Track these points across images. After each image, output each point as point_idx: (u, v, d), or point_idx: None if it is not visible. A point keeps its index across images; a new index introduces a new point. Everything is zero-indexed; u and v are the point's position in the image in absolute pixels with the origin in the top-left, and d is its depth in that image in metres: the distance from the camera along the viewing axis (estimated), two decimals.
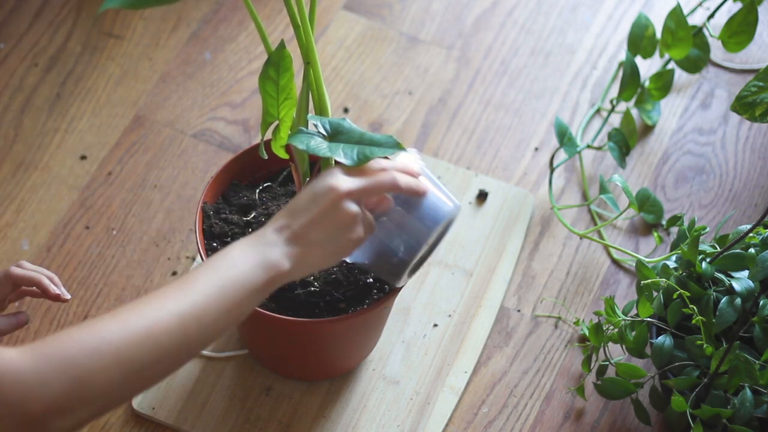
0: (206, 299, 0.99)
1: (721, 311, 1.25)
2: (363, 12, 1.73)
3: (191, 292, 0.99)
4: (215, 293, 1.00)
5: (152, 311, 0.97)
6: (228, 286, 1.01)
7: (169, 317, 0.97)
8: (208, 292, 1.00)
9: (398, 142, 1.10)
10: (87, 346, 0.93)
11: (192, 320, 0.98)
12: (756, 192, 1.58)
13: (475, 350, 1.42)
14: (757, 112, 1.24)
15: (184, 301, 0.98)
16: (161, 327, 0.96)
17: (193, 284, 1.00)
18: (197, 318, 0.98)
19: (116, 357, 0.94)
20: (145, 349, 0.95)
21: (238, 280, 1.02)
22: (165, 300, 0.98)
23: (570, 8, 1.75)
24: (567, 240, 1.52)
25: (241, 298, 1.02)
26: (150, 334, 0.96)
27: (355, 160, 1.11)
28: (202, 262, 1.03)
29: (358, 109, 1.63)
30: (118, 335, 0.94)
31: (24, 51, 1.66)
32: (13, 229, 1.50)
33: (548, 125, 1.63)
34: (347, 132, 1.14)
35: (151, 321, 0.96)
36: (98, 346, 0.93)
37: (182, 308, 0.98)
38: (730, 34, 1.55)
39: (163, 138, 1.59)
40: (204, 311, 0.99)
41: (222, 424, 1.35)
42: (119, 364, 0.94)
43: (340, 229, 1.09)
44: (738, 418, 1.23)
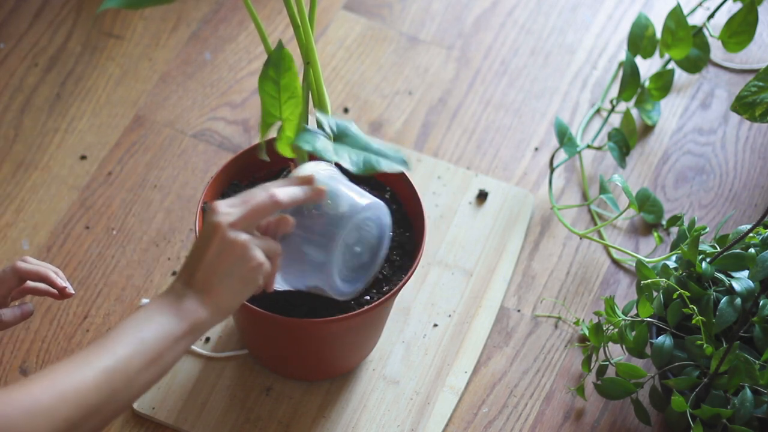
0: (130, 353, 1.02)
1: (721, 311, 1.25)
2: (363, 12, 1.73)
3: (116, 348, 1.02)
4: (138, 347, 1.03)
5: (78, 369, 1.00)
6: (149, 339, 1.03)
7: (95, 374, 1.00)
8: (131, 346, 1.02)
9: (405, 159, 1.10)
10: (20, 407, 0.96)
11: (117, 375, 1.01)
12: (756, 192, 1.58)
13: (475, 350, 1.42)
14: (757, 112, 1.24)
15: (108, 357, 1.01)
16: (88, 384, 0.99)
17: (116, 340, 1.02)
18: (123, 372, 1.01)
19: (48, 416, 0.97)
20: (74, 406, 0.98)
21: (158, 333, 1.04)
22: (90, 357, 1.01)
23: (570, 8, 1.75)
24: (567, 240, 1.52)
25: (162, 349, 1.04)
26: (78, 391, 0.98)
27: (361, 168, 1.10)
28: (121, 322, 1.05)
29: (358, 109, 1.63)
30: (48, 395, 0.97)
31: (24, 51, 1.66)
32: (13, 229, 1.50)
33: (548, 125, 1.63)
34: (353, 136, 1.14)
35: (78, 379, 0.99)
36: (30, 407, 0.96)
37: (108, 364, 1.01)
38: (730, 34, 1.55)
39: (163, 138, 1.59)
40: (129, 365, 1.02)
41: (222, 424, 1.35)
42: (51, 422, 0.97)
43: (235, 263, 1.08)
44: (738, 418, 1.23)
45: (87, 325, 1.42)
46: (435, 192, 1.54)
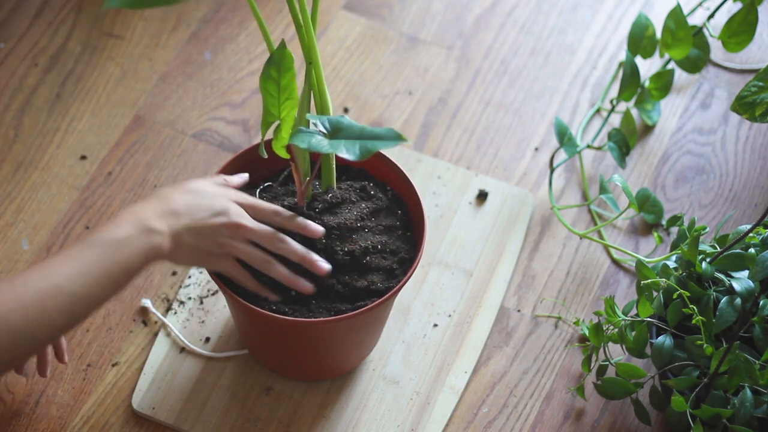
0: (92, 280, 1.08)
1: (721, 311, 1.25)
2: (363, 12, 1.73)
3: (79, 267, 1.08)
4: (102, 275, 1.09)
5: (37, 282, 1.05)
6: (114, 270, 1.09)
7: (56, 294, 1.06)
8: (95, 273, 1.08)
9: (398, 133, 1.11)
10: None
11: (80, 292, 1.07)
12: (756, 192, 1.58)
13: (475, 350, 1.42)
14: (757, 112, 1.24)
15: (69, 276, 1.07)
16: (50, 304, 1.05)
17: (81, 261, 1.08)
18: (84, 290, 1.08)
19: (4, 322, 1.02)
20: (32, 317, 1.04)
21: (124, 265, 1.10)
22: (53, 271, 1.06)
23: (570, 8, 1.75)
24: (567, 240, 1.52)
25: (123, 278, 1.11)
26: (41, 310, 1.04)
27: (358, 154, 1.11)
28: (91, 236, 1.11)
29: (358, 109, 1.63)
30: (9, 305, 1.03)
31: (24, 51, 1.66)
32: (13, 229, 1.50)
33: (548, 125, 1.63)
34: (347, 128, 1.14)
35: (45, 296, 1.04)
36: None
37: (68, 286, 1.06)
38: (730, 34, 1.55)
39: (163, 138, 1.59)
40: (87, 289, 1.08)
41: (222, 424, 1.35)
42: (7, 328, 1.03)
43: (212, 252, 1.20)
44: (738, 418, 1.23)
45: (87, 325, 1.42)
46: (435, 192, 1.54)
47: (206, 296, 1.44)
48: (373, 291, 1.27)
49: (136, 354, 1.40)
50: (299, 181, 1.26)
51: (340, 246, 1.26)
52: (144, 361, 1.40)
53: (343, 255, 1.26)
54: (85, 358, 1.40)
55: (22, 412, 1.36)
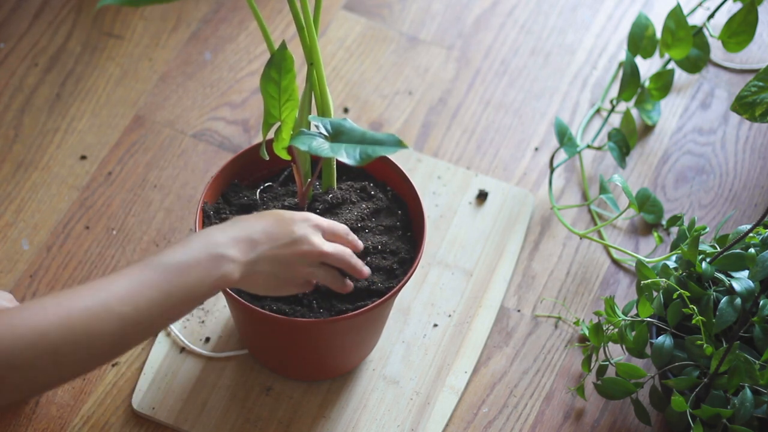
0: (147, 303, 1.01)
1: (721, 311, 1.25)
2: (363, 12, 1.73)
3: (134, 287, 1.00)
4: (159, 299, 1.01)
5: (86, 299, 0.98)
6: (174, 295, 1.02)
7: (103, 314, 0.98)
8: (152, 296, 1.01)
9: (399, 140, 1.10)
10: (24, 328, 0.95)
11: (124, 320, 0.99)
12: (756, 192, 1.58)
13: (475, 350, 1.42)
14: (757, 112, 1.24)
15: (122, 296, 0.99)
16: (96, 324, 0.97)
17: (138, 281, 1.01)
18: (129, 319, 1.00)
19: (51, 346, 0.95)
20: (76, 336, 0.96)
21: (187, 291, 1.04)
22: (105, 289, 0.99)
23: (570, 8, 1.75)
24: (567, 240, 1.52)
25: (184, 305, 1.04)
26: (86, 329, 0.96)
27: (358, 159, 1.11)
28: (155, 256, 1.04)
29: (358, 109, 1.63)
30: (51, 321, 0.95)
31: (24, 51, 1.66)
32: (13, 229, 1.50)
33: (548, 125, 1.63)
34: (348, 132, 1.14)
35: (91, 315, 0.97)
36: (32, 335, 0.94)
37: (121, 310, 0.99)
38: (730, 34, 1.55)
39: (163, 138, 1.59)
40: (140, 313, 1.00)
41: (222, 424, 1.35)
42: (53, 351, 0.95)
43: (288, 279, 1.17)
44: (738, 418, 1.23)
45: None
46: (435, 192, 1.54)
47: None
48: (373, 291, 1.27)
49: (136, 354, 1.40)
50: (300, 182, 1.26)
51: None
52: (144, 361, 1.40)
53: None
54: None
55: (22, 412, 1.36)
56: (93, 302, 0.97)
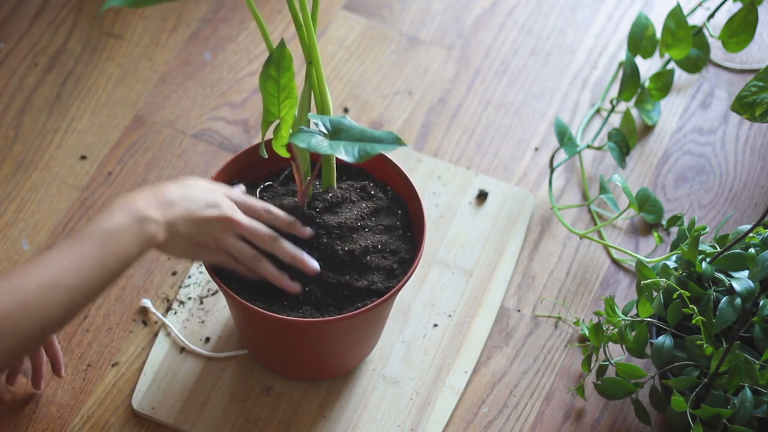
0: (89, 271, 1.08)
1: (721, 311, 1.25)
2: (363, 12, 1.73)
3: (76, 259, 1.08)
4: (99, 266, 1.09)
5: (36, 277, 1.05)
6: (110, 260, 1.09)
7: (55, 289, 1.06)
8: (92, 264, 1.09)
9: (398, 137, 1.11)
10: None
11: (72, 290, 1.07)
12: (756, 192, 1.58)
13: (475, 350, 1.42)
14: (757, 112, 1.24)
15: (67, 270, 1.07)
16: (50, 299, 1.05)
17: (78, 254, 1.08)
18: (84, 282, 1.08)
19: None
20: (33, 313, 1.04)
21: (120, 255, 1.11)
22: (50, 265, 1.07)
23: (570, 8, 1.75)
24: (567, 240, 1.52)
25: (119, 267, 1.11)
26: (41, 306, 1.04)
27: (357, 157, 1.11)
28: (85, 227, 1.11)
29: (358, 109, 1.63)
30: (9, 303, 1.02)
31: (24, 51, 1.66)
32: (13, 229, 1.50)
33: (548, 125, 1.63)
34: (348, 129, 1.14)
35: (45, 292, 1.04)
36: None
37: (66, 279, 1.06)
38: (730, 34, 1.55)
39: (163, 138, 1.59)
40: (85, 281, 1.08)
41: (222, 424, 1.35)
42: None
43: (206, 244, 1.21)
44: (738, 418, 1.23)
45: (87, 325, 1.42)
46: (435, 192, 1.54)
47: (206, 296, 1.44)
48: (373, 291, 1.27)
49: (136, 354, 1.40)
50: (300, 181, 1.26)
51: (341, 245, 1.26)
52: (144, 361, 1.40)
53: (343, 254, 1.26)
54: (85, 358, 1.40)
55: (22, 412, 1.36)
56: (44, 279, 1.05)
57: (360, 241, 1.27)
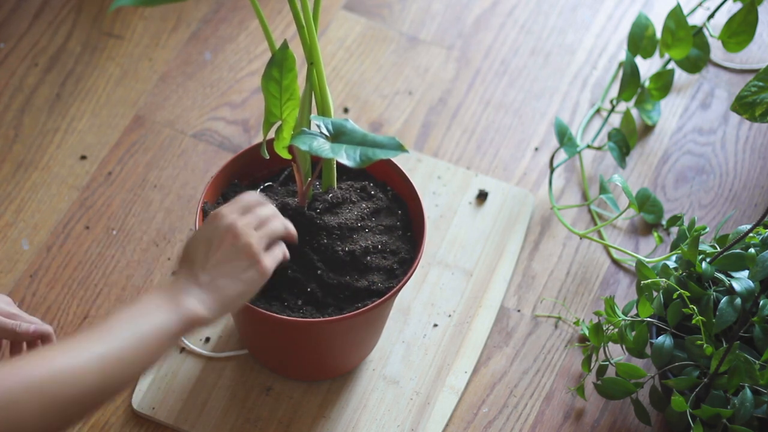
0: (126, 346, 1.03)
1: (721, 311, 1.25)
2: (363, 12, 1.73)
3: (112, 339, 1.02)
4: (134, 341, 1.03)
5: (74, 352, 1.00)
6: (146, 335, 1.04)
7: (88, 359, 1.00)
8: (128, 339, 1.03)
9: (400, 144, 1.10)
10: (12, 380, 0.96)
11: (111, 364, 1.01)
12: (756, 192, 1.58)
13: (475, 350, 1.42)
14: (757, 112, 1.24)
15: (103, 346, 1.01)
16: (83, 367, 0.99)
17: (114, 332, 1.03)
18: (116, 362, 1.02)
19: (39, 392, 0.97)
20: (66, 386, 0.98)
21: (156, 329, 1.05)
22: (87, 343, 1.01)
23: (570, 8, 1.75)
24: (567, 240, 1.52)
25: (158, 345, 1.05)
26: (73, 373, 0.99)
27: (358, 161, 1.11)
28: (119, 311, 1.06)
29: (358, 109, 1.63)
30: (41, 371, 0.97)
31: (24, 51, 1.66)
32: (13, 229, 1.50)
33: (548, 125, 1.63)
34: (350, 133, 1.14)
35: (74, 361, 0.99)
36: (23, 380, 0.96)
37: (102, 352, 1.01)
38: (730, 34, 1.55)
39: (163, 138, 1.59)
40: (123, 356, 1.02)
41: (222, 424, 1.35)
42: (41, 398, 0.97)
43: (247, 269, 1.11)
44: (738, 418, 1.23)
45: (87, 325, 1.42)
46: (435, 192, 1.54)
47: None
48: (373, 291, 1.27)
49: None
50: (300, 182, 1.26)
51: (341, 246, 1.26)
52: None
53: (343, 255, 1.26)
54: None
55: None
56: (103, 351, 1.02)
57: (360, 241, 1.27)
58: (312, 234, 1.26)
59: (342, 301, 1.27)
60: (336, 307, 1.26)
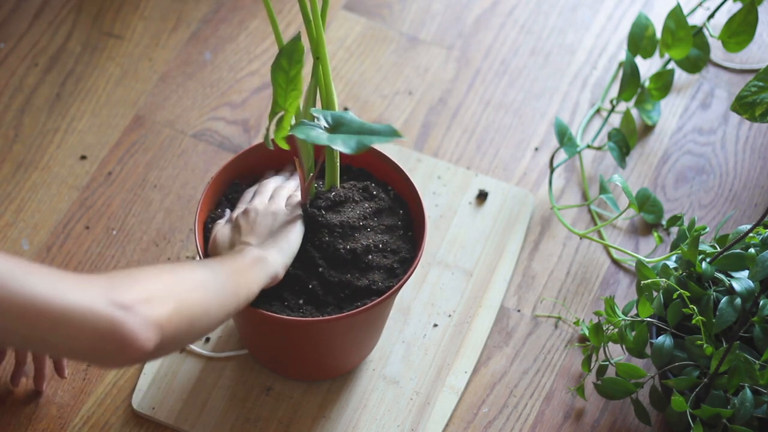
0: (234, 300, 1.17)
1: (721, 311, 1.25)
2: (363, 12, 1.73)
3: (240, 288, 1.18)
4: (242, 297, 1.18)
5: (209, 279, 1.14)
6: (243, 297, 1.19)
7: (216, 288, 1.15)
8: (237, 298, 1.18)
9: (395, 129, 1.11)
10: (195, 301, 1.10)
11: (227, 300, 1.16)
12: (756, 192, 1.58)
13: (475, 350, 1.42)
14: (757, 112, 1.24)
15: (233, 290, 1.17)
16: (211, 289, 1.14)
17: (236, 288, 1.18)
18: (229, 300, 1.16)
19: (217, 301, 1.13)
20: (218, 302, 1.14)
21: (250, 294, 1.20)
22: (230, 285, 1.17)
23: (570, 8, 1.75)
24: (567, 240, 1.52)
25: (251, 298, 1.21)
26: (218, 296, 1.14)
27: (354, 148, 1.11)
28: (241, 271, 1.19)
29: (358, 109, 1.63)
30: (201, 291, 1.11)
31: (24, 51, 1.66)
32: (13, 229, 1.50)
33: (548, 125, 1.63)
34: (348, 123, 1.14)
35: (215, 292, 1.14)
36: (203, 300, 1.11)
37: (229, 296, 1.17)
38: (730, 34, 1.55)
39: (163, 138, 1.59)
40: (233, 300, 1.17)
41: (222, 424, 1.35)
42: (219, 308, 1.13)
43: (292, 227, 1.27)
44: (738, 418, 1.23)
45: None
46: (435, 192, 1.54)
47: None
48: (373, 290, 1.27)
49: None
50: (302, 177, 1.26)
51: (343, 244, 1.26)
52: None
53: (345, 253, 1.26)
54: None
55: (22, 412, 1.36)
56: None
57: (362, 240, 1.28)
58: (314, 231, 1.27)
59: (342, 300, 1.27)
60: (336, 307, 1.27)
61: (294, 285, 1.27)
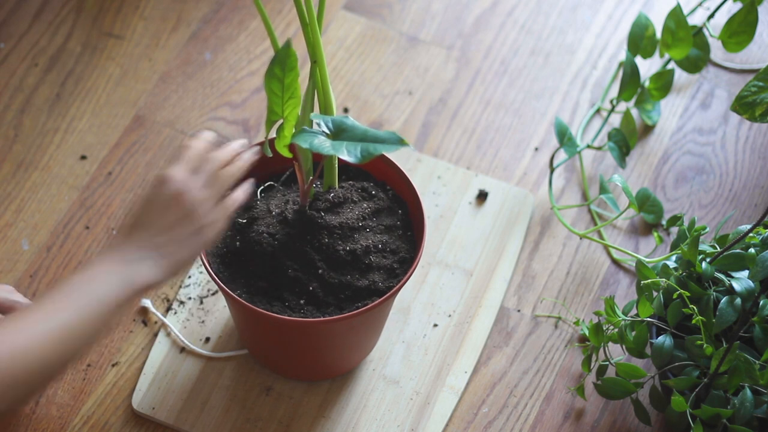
0: (81, 314, 1.03)
1: (721, 311, 1.25)
2: (363, 12, 1.73)
3: (67, 308, 1.03)
4: (89, 309, 1.04)
5: (29, 329, 1.00)
6: (100, 301, 1.05)
7: (44, 333, 1.00)
8: (83, 308, 1.03)
9: (401, 138, 1.10)
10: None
11: (68, 335, 1.02)
12: (756, 192, 1.58)
13: (475, 350, 1.42)
14: (757, 112, 1.24)
15: (60, 318, 1.02)
16: (39, 343, 1.00)
17: (68, 300, 1.03)
18: (74, 331, 1.02)
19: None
20: (25, 363, 0.99)
21: (108, 297, 1.05)
22: (42, 315, 1.02)
23: (570, 8, 1.75)
24: (567, 240, 1.52)
25: (111, 311, 1.06)
26: (29, 350, 0.99)
27: (359, 157, 1.11)
28: (71, 278, 1.06)
29: (358, 109, 1.63)
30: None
31: (24, 51, 1.66)
32: (13, 229, 1.50)
33: (548, 125, 1.63)
34: (350, 129, 1.14)
35: (28, 339, 0.99)
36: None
37: (59, 324, 1.02)
38: (730, 34, 1.55)
39: (163, 138, 1.59)
40: (79, 327, 1.03)
41: (222, 424, 1.35)
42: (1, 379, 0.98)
43: (198, 231, 1.12)
44: (738, 418, 1.23)
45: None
46: (435, 192, 1.54)
47: (206, 296, 1.44)
48: (373, 290, 1.27)
49: (136, 354, 1.40)
50: (302, 181, 1.26)
51: (342, 245, 1.26)
52: (144, 361, 1.40)
53: (344, 254, 1.26)
54: (85, 358, 1.40)
55: (22, 412, 1.36)
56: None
57: (361, 240, 1.28)
58: (313, 233, 1.27)
59: (342, 300, 1.27)
60: (336, 307, 1.27)
61: (294, 287, 1.27)
